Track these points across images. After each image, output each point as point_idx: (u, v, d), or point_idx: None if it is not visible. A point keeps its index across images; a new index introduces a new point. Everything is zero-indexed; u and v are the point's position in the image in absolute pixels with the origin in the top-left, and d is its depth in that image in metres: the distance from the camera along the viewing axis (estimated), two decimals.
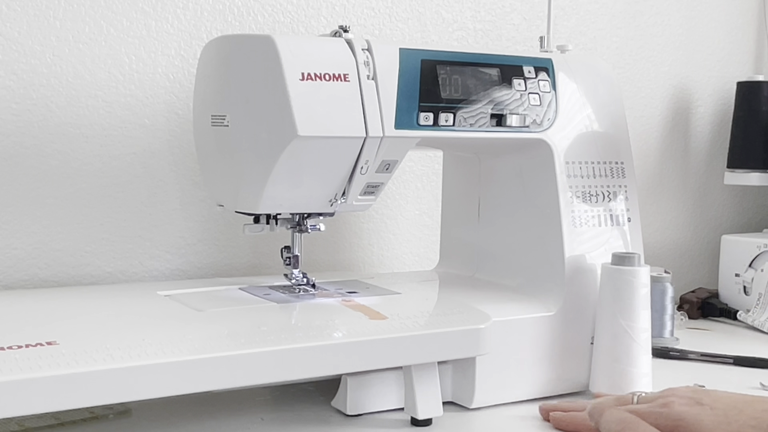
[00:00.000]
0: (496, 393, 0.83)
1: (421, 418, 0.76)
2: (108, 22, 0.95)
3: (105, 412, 0.75)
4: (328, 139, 0.76)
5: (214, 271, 1.03)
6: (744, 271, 1.30)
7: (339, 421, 0.77)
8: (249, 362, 0.65)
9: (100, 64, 0.95)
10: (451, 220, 1.04)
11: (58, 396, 0.57)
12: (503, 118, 0.86)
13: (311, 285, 0.87)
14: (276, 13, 1.05)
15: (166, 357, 0.62)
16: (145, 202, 0.99)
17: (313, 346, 0.68)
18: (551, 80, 0.89)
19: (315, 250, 1.08)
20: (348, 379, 0.78)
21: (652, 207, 1.41)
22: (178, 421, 0.76)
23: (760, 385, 0.91)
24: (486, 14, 1.21)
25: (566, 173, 0.89)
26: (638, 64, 1.34)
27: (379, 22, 1.13)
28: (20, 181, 0.92)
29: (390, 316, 0.76)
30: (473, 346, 0.76)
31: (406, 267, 1.17)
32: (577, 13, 1.28)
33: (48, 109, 0.93)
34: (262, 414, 0.79)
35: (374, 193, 0.84)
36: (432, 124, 0.81)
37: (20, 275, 0.93)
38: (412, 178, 1.17)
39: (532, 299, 0.88)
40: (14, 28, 0.91)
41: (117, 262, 0.98)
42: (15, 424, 0.72)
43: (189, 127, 0.96)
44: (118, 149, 0.97)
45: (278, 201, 0.80)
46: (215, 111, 0.80)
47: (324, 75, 0.76)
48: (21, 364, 0.58)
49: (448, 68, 0.82)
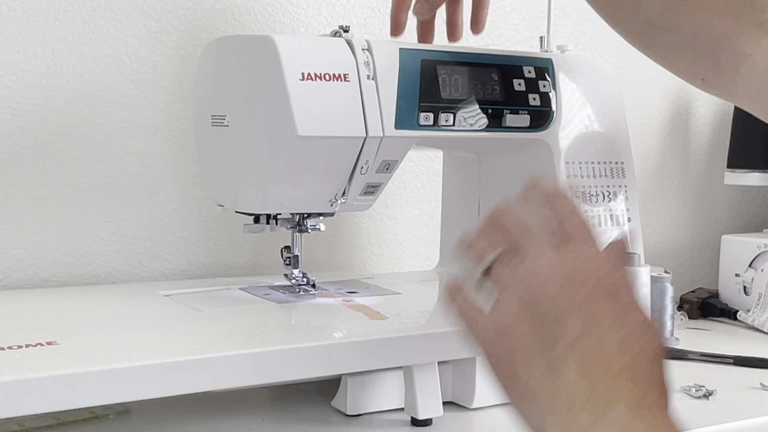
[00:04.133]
0: (496, 393, 0.83)
1: (421, 418, 0.76)
2: (108, 22, 0.95)
3: (105, 412, 0.75)
4: (328, 139, 0.76)
5: (214, 271, 1.03)
6: (744, 271, 1.29)
7: (339, 421, 0.77)
8: (249, 362, 0.65)
9: (100, 64, 0.95)
10: (451, 220, 1.04)
11: (58, 396, 0.57)
12: (503, 118, 0.86)
13: (311, 285, 0.87)
14: (276, 13, 1.05)
15: (166, 357, 0.62)
16: (145, 202, 0.99)
17: (313, 346, 0.68)
18: (551, 80, 0.89)
19: (315, 250, 1.08)
20: (348, 379, 0.78)
21: (652, 207, 1.41)
22: (178, 421, 0.76)
23: (760, 385, 0.91)
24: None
25: (566, 173, 0.89)
26: (638, 64, 1.34)
27: (379, 22, 1.12)
28: (20, 181, 0.92)
29: (390, 316, 0.76)
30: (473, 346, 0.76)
31: (406, 267, 1.17)
32: (577, 13, 1.28)
33: (48, 109, 0.93)
34: (262, 414, 0.79)
35: (374, 193, 0.84)
36: (432, 124, 0.81)
37: (20, 275, 0.93)
38: (412, 178, 1.17)
39: None
40: (14, 28, 0.91)
41: (117, 262, 0.98)
42: (15, 424, 0.72)
43: (189, 127, 0.96)
44: (118, 149, 0.97)
45: (278, 201, 0.80)
46: (215, 111, 0.80)
47: (324, 75, 0.76)
48: (21, 364, 0.58)
49: (448, 68, 0.82)
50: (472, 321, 0.55)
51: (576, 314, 0.49)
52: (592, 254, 0.52)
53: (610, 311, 0.49)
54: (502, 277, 0.53)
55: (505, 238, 0.55)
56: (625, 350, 0.48)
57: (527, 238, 0.53)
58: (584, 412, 0.47)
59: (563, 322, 0.49)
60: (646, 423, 0.45)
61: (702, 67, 0.68)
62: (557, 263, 0.51)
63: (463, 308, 0.56)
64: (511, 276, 0.52)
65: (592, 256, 0.51)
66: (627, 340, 0.48)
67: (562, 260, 0.51)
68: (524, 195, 0.58)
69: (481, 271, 0.55)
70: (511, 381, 0.52)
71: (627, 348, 0.48)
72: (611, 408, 0.46)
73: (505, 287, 0.52)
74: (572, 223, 0.54)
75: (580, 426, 0.47)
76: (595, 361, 0.48)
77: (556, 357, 0.49)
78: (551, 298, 0.50)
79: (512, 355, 0.51)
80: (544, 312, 0.50)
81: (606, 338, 0.48)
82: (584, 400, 0.47)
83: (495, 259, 0.54)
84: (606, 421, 0.46)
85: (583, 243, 0.52)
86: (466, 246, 0.57)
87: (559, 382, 0.48)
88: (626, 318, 0.49)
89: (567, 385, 0.48)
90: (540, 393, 0.49)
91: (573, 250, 0.52)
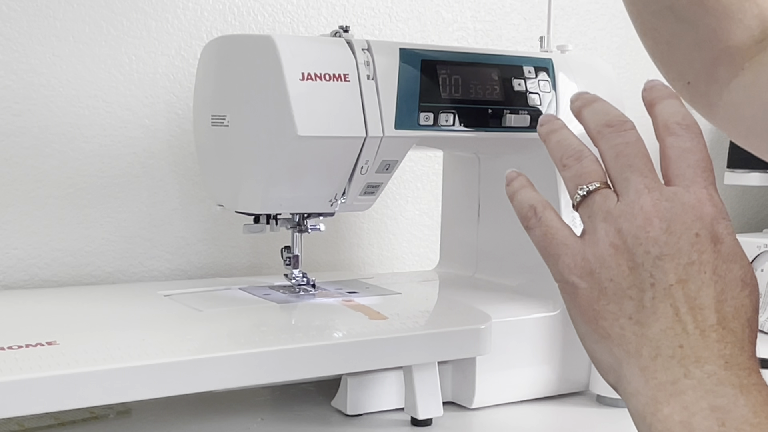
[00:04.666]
0: (496, 393, 0.83)
1: (421, 418, 0.76)
2: (108, 22, 0.95)
3: (105, 412, 0.75)
4: (328, 139, 0.76)
5: (214, 271, 1.03)
6: None
7: (339, 421, 0.77)
8: (249, 362, 0.65)
9: (100, 64, 0.95)
10: (451, 220, 1.04)
11: (58, 396, 0.57)
12: (503, 118, 0.86)
13: (311, 285, 0.87)
14: (276, 13, 1.05)
15: (166, 357, 0.62)
16: (145, 202, 0.99)
17: (313, 346, 0.68)
18: (551, 80, 0.89)
19: (315, 250, 1.08)
20: (348, 379, 0.78)
21: None
22: (178, 421, 0.76)
23: None
24: (486, 14, 1.21)
25: None
26: (638, 64, 1.34)
27: (379, 22, 1.12)
28: (20, 181, 0.92)
29: (390, 316, 0.76)
30: (473, 346, 0.76)
31: (406, 267, 1.17)
32: (577, 13, 1.28)
33: (48, 109, 0.93)
34: (262, 414, 0.79)
35: (374, 193, 0.84)
36: (432, 124, 0.81)
37: (20, 275, 0.93)
38: (412, 178, 1.17)
39: (532, 299, 0.88)
40: (14, 28, 0.91)
41: (117, 262, 0.98)
42: (15, 424, 0.72)
43: (189, 127, 0.96)
44: (118, 149, 0.97)
45: (278, 201, 0.80)
46: (215, 111, 0.80)
47: (324, 75, 0.76)
48: (21, 364, 0.58)
49: (448, 68, 0.82)
50: (561, 245, 0.50)
51: (675, 261, 0.46)
52: (696, 200, 0.48)
53: (710, 262, 0.46)
54: (602, 208, 0.49)
55: (609, 166, 0.51)
56: (722, 305, 0.46)
57: (632, 172, 0.50)
58: (671, 363, 0.45)
59: (661, 267, 0.46)
60: (734, 386, 0.43)
61: (696, 70, 0.64)
62: (661, 206, 0.48)
63: (552, 228, 0.51)
64: (612, 210, 0.49)
65: (696, 202, 0.48)
66: (724, 294, 0.46)
67: (666, 203, 0.48)
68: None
69: (579, 198, 0.51)
70: (591, 320, 0.48)
71: (723, 302, 0.46)
72: (700, 364, 0.44)
73: (605, 219, 0.49)
74: (686, 162, 0.50)
75: (664, 378, 0.45)
76: (689, 311, 0.46)
77: (648, 302, 0.46)
78: (652, 240, 0.47)
79: (599, 294, 0.48)
80: (643, 254, 0.47)
81: (703, 290, 0.46)
82: (672, 350, 0.45)
83: (595, 190, 0.50)
84: (693, 379, 0.44)
85: (691, 185, 0.49)
86: (566, 161, 0.53)
87: (646, 328, 0.46)
88: (726, 271, 0.46)
89: (655, 333, 0.46)
90: (624, 337, 0.47)
91: (677, 193, 0.48)
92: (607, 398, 0.86)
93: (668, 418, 0.44)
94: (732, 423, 0.42)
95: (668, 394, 0.44)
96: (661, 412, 0.44)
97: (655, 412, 0.45)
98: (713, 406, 0.43)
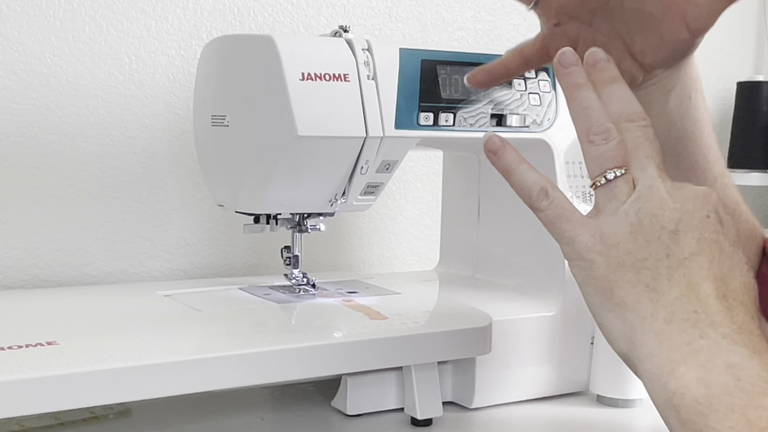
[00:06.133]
0: (496, 393, 0.83)
1: (421, 418, 0.76)
2: (108, 22, 0.95)
3: (105, 412, 0.75)
4: (328, 139, 0.76)
5: (214, 271, 1.03)
6: None
7: (339, 421, 0.77)
8: (249, 362, 0.65)
9: (100, 64, 0.95)
10: (451, 220, 1.04)
11: (58, 396, 0.57)
12: (503, 118, 0.86)
13: (311, 285, 0.87)
14: (276, 13, 1.05)
15: (166, 357, 0.62)
16: (145, 202, 0.99)
17: (313, 346, 0.68)
18: (551, 80, 0.89)
19: (315, 250, 1.08)
20: (348, 379, 0.78)
21: None
22: (178, 421, 0.76)
23: None
24: (486, 14, 1.21)
25: (566, 173, 0.89)
26: None
27: (379, 22, 1.13)
28: (20, 181, 0.92)
29: (390, 316, 0.76)
30: (473, 346, 0.76)
31: (406, 267, 1.17)
32: None
33: (48, 109, 0.93)
34: (262, 414, 0.79)
35: (374, 193, 0.84)
36: (432, 124, 0.81)
37: (20, 275, 0.93)
38: (412, 178, 1.17)
39: (532, 299, 0.88)
40: (14, 28, 0.91)
41: (117, 262, 0.98)
42: (15, 424, 0.72)
43: (189, 127, 0.96)
44: (118, 149, 0.97)
45: (278, 201, 0.80)
46: (215, 111, 0.80)
47: (324, 75, 0.76)
48: (21, 364, 0.58)
49: (448, 68, 0.82)
50: (578, 226, 0.52)
51: (689, 235, 0.49)
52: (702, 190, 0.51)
53: (719, 241, 0.49)
54: (624, 192, 0.51)
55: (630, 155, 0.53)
56: (732, 280, 0.48)
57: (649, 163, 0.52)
58: (686, 326, 0.46)
59: (676, 241, 0.49)
60: (747, 347, 0.45)
61: (655, 48, 0.62)
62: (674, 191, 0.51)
63: (566, 210, 0.53)
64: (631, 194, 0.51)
65: (703, 191, 0.51)
66: (733, 271, 0.48)
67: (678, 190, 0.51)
68: None
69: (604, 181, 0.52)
70: (607, 290, 0.50)
71: (733, 278, 0.48)
72: (714, 327, 0.46)
73: (624, 203, 0.51)
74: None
75: (680, 340, 0.46)
76: (703, 280, 0.47)
77: (663, 270, 0.48)
78: (668, 218, 0.49)
79: (617, 266, 0.50)
80: (659, 229, 0.49)
81: (715, 263, 0.48)
82: (687, 315, 0.47)
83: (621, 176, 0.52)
84: (708, 339, 0.45)
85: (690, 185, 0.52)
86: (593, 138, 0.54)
87: (662, 294, 0.48)
88: (733, 252, 0.49)
89: (671, 299, 0.47)
90: (640, 303, 0.48)
91: (686, 184, 0.52)
92: (607, 398, 0.86)
93: (684, 375, 0.45)
94: (747, 379, 0.44)
95: (684, 353, 0.46)
96: (678, 370, 0.45)
97: (671, 371, 0.46)
98: (728, 364, 0.44)
